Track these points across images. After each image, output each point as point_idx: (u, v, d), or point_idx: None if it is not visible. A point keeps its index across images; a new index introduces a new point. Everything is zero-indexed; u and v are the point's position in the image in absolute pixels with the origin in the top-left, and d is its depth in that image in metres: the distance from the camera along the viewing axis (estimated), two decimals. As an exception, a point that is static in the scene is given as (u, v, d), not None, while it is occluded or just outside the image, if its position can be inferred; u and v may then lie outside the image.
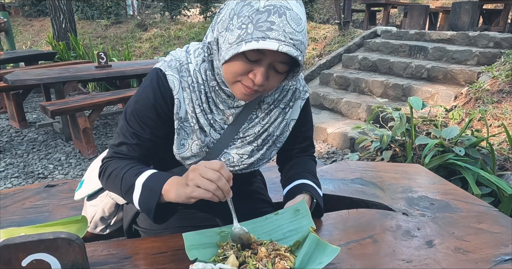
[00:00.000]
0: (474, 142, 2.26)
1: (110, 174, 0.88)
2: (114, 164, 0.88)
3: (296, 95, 0.98)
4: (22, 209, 1.24)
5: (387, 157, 2.55)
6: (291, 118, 0.99)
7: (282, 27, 0.72)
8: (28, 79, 3.33)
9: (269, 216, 0.88)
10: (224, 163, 0.95)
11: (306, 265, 0.73)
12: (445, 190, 1.15)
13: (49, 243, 0.52)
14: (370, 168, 1.35)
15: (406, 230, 0.92)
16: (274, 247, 0.77)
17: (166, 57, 0.91)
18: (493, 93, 3.13)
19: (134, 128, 0.88)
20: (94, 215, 1.09)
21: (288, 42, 0.72)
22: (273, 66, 0.78)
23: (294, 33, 0.73)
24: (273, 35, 0.71)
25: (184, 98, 0.87)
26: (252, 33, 0.72)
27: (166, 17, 9.61)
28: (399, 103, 3.73)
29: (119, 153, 0.89)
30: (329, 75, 4.65)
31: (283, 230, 0.85)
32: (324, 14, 9.76)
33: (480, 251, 0.83)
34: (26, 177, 2.96)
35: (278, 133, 0.98)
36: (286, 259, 0.73)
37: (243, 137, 0.94)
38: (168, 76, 0.86)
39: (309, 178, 1.02)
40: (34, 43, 9.30)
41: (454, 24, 5.79)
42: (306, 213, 0.86)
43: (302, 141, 1.06)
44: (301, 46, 0.75)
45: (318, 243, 0.75)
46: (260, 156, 0.97)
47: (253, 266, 0.72)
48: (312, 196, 0.95)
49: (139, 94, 0.88)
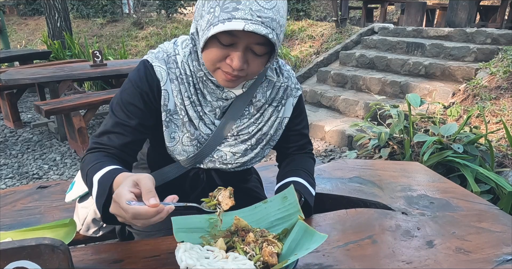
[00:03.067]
0: (473, 139, 2.24)
1: (82, 169, 0.84)
2: (88, 159, 0.84)
3: (288, 92, 0.97)
4: (13, 211, 1.21)
5: (385, 155, 2.53)
6: (284, 116, 0.98)
7: (248, 5, 0.69)
8: (21, 78, 3.28)
9: (258, 204, 0.88)
10: (217, 160, 0.93)
11: (294, 251, 0.73)
12: (445, 188, 1.13)
13: (31, 249, 0.49)
14: (369, 166, 1.32)
15: (406, 230, 0.90)
16: (262, 234, 0.78)
17: (154, 50, 0.90)
18: (491, 90, 3.12)
19: (119, 117, 0.85)
20: (86, 217, 1.06)
21: (255, 20, 0.69)
22: (251, 49, 0.75)
23: (262, 10, 0.70)
24: (239, 14, 0.69)
25: (172, 89, 0.86)
26: (219, 15, 0.71)
27: (162, 15, 9.55)
28: (397, 100, 3.71)
29: (98, 143, 0.85)
30: (326, 73, 4.62)
31: (271, 218, 0.86)
32: (321, 12, 9.73)
33: (481, 251, 0.81)
34: (20, 178, 2.93)
35: (272, 132, 0.96)
36: (273, 245, 0.74)
37: (236, 135, 0.92)
38: (155, 67, 0.85)
39: (302, 176, 1.00)
40: (29, 42, 9.22)
41: (451, 20, 5.76)
42: (294, 200, 0.85)
43: (298, 139, 1.04)
44: (272, 23, 0.71)
45: (306, 230, 0.76)
46: (253, 155, 0.95)
47: (241, 249, 0.73)
48: (301, 194, 0.93)
49: (125, 84, 0.87)
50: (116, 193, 0.64)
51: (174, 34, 7.89)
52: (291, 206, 0.85)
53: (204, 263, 0.65)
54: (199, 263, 0.63)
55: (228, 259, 0.67)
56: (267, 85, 0.93)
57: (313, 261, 0.77)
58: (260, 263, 0.70)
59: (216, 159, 0.93)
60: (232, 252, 0.71)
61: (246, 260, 0.68)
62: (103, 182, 0.74)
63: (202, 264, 0.63)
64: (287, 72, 0.98)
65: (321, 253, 0.80)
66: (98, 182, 0.75)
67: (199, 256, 0.67)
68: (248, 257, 0.71)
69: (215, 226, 0.82)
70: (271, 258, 0.70)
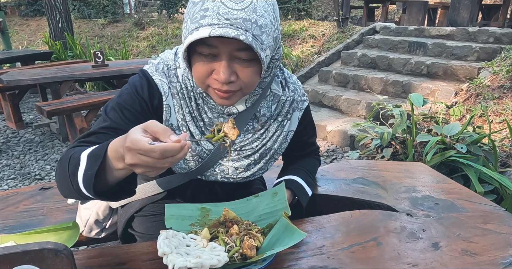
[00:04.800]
0: (476, 139, 2.23)
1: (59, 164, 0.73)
2: (68, 152, 0.73)
3: (294, 106, 0.93)
4: (16, 213, 1.21)
5: (387, 155, 2.52)
6: (289, 129, 0.95)
7: (215, 10, 0.65)
8: (23, 79, 3.28)
9: (250, 198, 0.92)
10: (219, 174, 0.91)
11: (273, 246, 0.76)
12: (450, 189, 1.12)
13: (35, 254, 0.49)
14: (372, 167, 1.31)
15: (411, 231, 0.89)
16: (247, 227, 0.80)
17: (154, 60, 0.87)
18: (494, 89, 3.10)
19: (114, 121, 0.78)
20: (88, 218, 1.06)
21: (222, 23, 0.65)
22: (236, 57, 0.70)
23: (231, 12, 0.65)
24: (206, 21, 0.65)
25: (174, 105, 0.82)
26: (189, 27, 0.68)
27: (164, 15, 9.55)
28: (399, 100, 3.70)
29: (84, 142, 0.76)
30: (328, 72, 4.61)
31: (260, 212, 0.88)
32: (322, 11, 9.71)
33: (488, 253, 0.80)
34: (22, 179, 2.93)
35: (277, 147, 0.94)
36: (255, 238, 0.76)
37: (239, 150, 0.90)
38: (156, 80, 0.81)
39: (299, 175, 0.99)
40: (31, 43, 9.23)
41: (453, 19, 5.75)
42: (282, 197, 0.87)
43: (304, 149, 1.05)
44: (243, 24, 0.65)
45: (287, 227, 0.78)
46: (256, 170, 0.93)
47: (222, 240, 0.75)
48: (294, 193, 0.93)
49: (124, 90, 0.83)
50: (130, 141, 0.57)
51: (175, 34, 7.89)
52: (279, 202, 0.87)
53: (182, 250, 0.67)
54: (175, 250, 0.65)
55: (207, 248, 0.69)
56: (272, 99, 0.89)
57: (317, 264, 0.76)
58: (238, 255, 0.73)
59: (218, 173, 0.91)
60: (213, 242, 0.73)
61: (222, 251, 0.69)
62: (95, 153, 0.65)
63: (179, 252, 0.65)
64: (293, 84, 0.95)
65: (325, 255, 0.79)
66: (88, 156, 0.65)
67: (180, 244, 0.69)
68: (228, 248, 0.74)
69: (206, 215, 0.85)
70: (249, 251, 0.72)
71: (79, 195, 0.68)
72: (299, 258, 0.78)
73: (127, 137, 0.58)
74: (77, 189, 0.67)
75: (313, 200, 1.06)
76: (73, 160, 0.68)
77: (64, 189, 0.73)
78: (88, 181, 0.63)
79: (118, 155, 0.61)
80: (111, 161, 0.62)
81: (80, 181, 0.65)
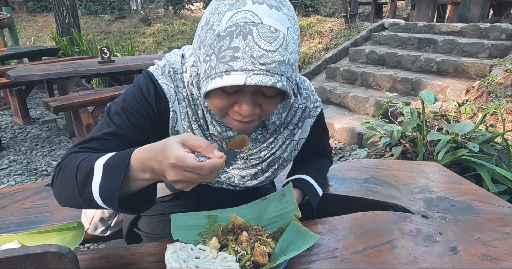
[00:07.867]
0: (489, 138, 2.17)
1: (62, 171, 0.68)
2: (71, 158, 0.69)
3: (306, 113, 0.89)
4: (22, 210, 1.19)
5: (397, 153, 2.47)
6: (300, 137, 0.91)
7: (248, 52, 0.59)
8: (30, 75, 3.28)
9: (257, 201, 0.88)
10: (224, 182, 0.88)
11: (286, 250, 0.72)
12: (465, 190, 1.08)
13: (37, 258, 0.46)
14: (384, 166, 1.28)
15: (427, 234, 0.85)
16: (256, 233, 0.77)
17: (160, 61, 0.82)
18: (507, 87, 3.03)
19: (119, 127, 0.74)
20: (93, 216, 1.04)
21: (258, 69, 0.59)
22: (260, 91, 0.66)
23: (266, 55, 0.59)
24: (238, 65, 0.59)
25: (180, 111, 0.78)
26: (216, 66, 0.61)
27: (170, 11, 9.53)
28: (408, 98, 3.64)
29: (85, 148, 0.72)
30: (335, 69, 4.56)
31: (269, 216, 0.85)
32: (330, 7, 9.62)
33: (509, 258, 0.76)
34: (29, 174, 2.93)
35: (286, 155, 0.90)
36: (266, 244, 0.73)
37: (247, 158, 0.86)
38: (162, 84, 0.77)
39: (310, 174, 0.96)
40: (38, 38, 9.27)
41: (463, 16, 5.64)
42: (291, 198, 0.84)
43: (316, 152, 1.02)
44: (279, 68, 0.61)
45: (299, 230, 0.74)
46: (263, 179, 0.90)
47: (232, 249, 0.72)
48: (304, 192, 0.90)
49: (130, 93, 0.78)
50: (174, 158, 0.54)
51: (181, 31, 7.86)
52: (288, 204, 0.83)
53: (191, 264, 0.64)
54: (185, 264, 0.63)
55: (217, 259, 0.66)
56: (283, 106, 0.85)
57: (330, 268, 0.73)
58: (250, 263, 0.69)
59: (223, 181, 0.88)
60: (223, 252, 0.70)
61: (233, 261, 0.66)
62: (114, 163, 0.61)
63: (188, 266, 0.63)
64: (306, 90, 0.90)
65: (338, 258, 0.76)
66: (105, 166, 0.62)
67: (189, 256, 0.66)
68: (239, 257, 0.70)
69: (213, 223, 0.81)
70: (261, 258, 0.69)
71: (87, 205, 0.65)
72: (312, 261, 0.75)
73: (168, 152, 0.56)
74: (87, 199, 0.64)
75: (324, 200, 1.03)
76: (83, 169, 0.64)
77: (65, 198, 0.70)
78: (111, 193, 0.61)
79: (145, 166, 0.59)
80: (134, 171, 0.60)
81: (95, 192, 0.62)
